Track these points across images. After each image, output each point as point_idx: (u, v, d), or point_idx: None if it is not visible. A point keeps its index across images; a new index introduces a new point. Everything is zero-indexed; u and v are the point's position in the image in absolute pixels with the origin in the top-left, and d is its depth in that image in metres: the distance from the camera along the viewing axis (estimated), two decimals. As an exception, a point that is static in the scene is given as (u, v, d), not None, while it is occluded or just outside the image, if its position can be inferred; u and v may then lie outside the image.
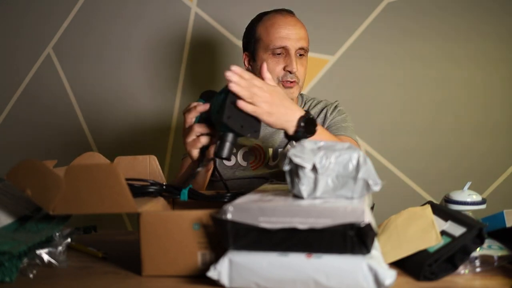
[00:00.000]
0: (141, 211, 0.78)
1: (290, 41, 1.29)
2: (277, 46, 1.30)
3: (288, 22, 1.32)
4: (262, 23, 1.35)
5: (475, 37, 1.82)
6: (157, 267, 0.77)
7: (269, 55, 1.31)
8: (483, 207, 0.90)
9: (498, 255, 0.78)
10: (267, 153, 1.34)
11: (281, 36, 1.30)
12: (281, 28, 1.31)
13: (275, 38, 1.30)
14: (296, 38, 1.30)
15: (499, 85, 1.83)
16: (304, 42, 1.32)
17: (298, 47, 1.31)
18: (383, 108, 1.86)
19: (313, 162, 0.74)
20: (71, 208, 0.79)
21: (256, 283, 0.69)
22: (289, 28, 1.30)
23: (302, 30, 1.33)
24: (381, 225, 0.86)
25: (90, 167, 0.79)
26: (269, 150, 1.34)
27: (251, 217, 0.70)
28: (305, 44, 1.32)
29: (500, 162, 1.84)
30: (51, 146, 2.00)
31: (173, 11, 1.91)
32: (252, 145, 1.35)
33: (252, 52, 1.37)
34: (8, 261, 0.77)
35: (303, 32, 1.33)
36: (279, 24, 1.31)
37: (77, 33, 1.97)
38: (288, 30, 1.30)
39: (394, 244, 0.79)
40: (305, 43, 1.32)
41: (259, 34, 1.34)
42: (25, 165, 0.82)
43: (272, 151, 1.34)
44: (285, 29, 1.30)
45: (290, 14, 1.35)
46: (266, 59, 1.31)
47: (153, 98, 1.95)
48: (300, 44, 1.31)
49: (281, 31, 1.30)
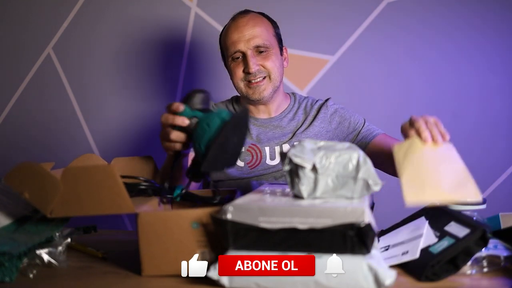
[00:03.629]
0: (139, 212, 0.77)
1: (241, 43, 1.30)
2: (232, 52, 1.32)
3: (237, 24, 1.33)
4: (223, 33, 1.39)
5: (475, 37, 1.82)
6: (156, 267, 0.77)
7: (231, 62, 1.34)
8: (483, 207, 0.90)
9: (505, 255, 0.77)
10: (264, 151, 1.34)
11: (233, 41, 1.31)
12: (232, 33, 1.32)
13: (229, 44, 1.33)
14: (247, 38, 1.30)
15: (499, 85, 1.83)
16: (258, 40, 1.30)
17: (252, 47, 1.30)
18: (383, 108, 1.86)
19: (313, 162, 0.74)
20: (69, 211, 0.79)
21: (256, 283, 0.69)
22: (239, 31, 1.31)
23: (255, 29, 1.31)
24: (402, 146, 0.82)
25: (88, 169, 0.79)
26: (266, 148, 1.34)
27: (251, 217, 0.70)
28: (260, 41, 1.30)
29: (500, 162, 1.84)
30: (51, 146, 1.99)
31: (173, 11, 1.91)
32: (248, 146, 1.35)
33: (225, 64, 1.41)
34: (8, 261, 0.77)
35: (256, 30, 1.31)
36: (230, 30, 1.34)
37: (77, 33, 1.96)
38: (238, 33, 1.31)
39: (428, 183, 0.74)
40: (260, 40, 1.30)
41: (222, 45, 1.39)
42: (23, 168, 0.81)
43: (269, 149, 1.34)
44: (235, 33, 1.31)
45: (242, 15, 1.35)
46: (230, 65, 1.35)
47: (153, 98, 1.94)
48: (253, 43, 1.30)
49: (232, 36, 1.32)
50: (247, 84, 1.33)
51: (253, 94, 1.33)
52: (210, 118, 0.87)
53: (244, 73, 1.32)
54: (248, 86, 1.33)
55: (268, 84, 1.33)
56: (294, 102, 1.45)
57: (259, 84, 1.32)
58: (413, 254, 0.75)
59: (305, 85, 1.87)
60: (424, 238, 0.79)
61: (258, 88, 1.32)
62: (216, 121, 0.85)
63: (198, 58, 1.92)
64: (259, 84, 1.32)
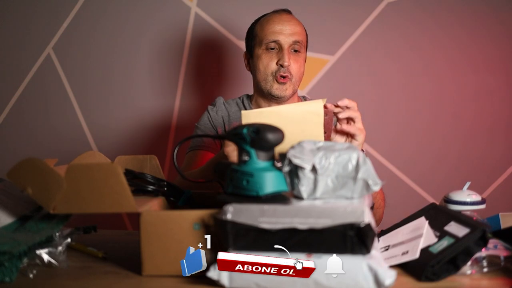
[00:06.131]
0: (141, 211, 0.77)
1: (282, 35, 1.30)
2: (269, 40, 1.31)
3: (282, 18, 1.33)
4: (259, 22, 1.38)
5: (475, 38, 1.82)
6: (157, 267, 0.77)
7: (263, 50, 1.33)
8: (483, 207, 0.90)
9: (505, 255, 0.78)
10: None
11: (274, 31, 1.31)
12: (275, 23, 1.32)
13: (268, 33, 1.32)
14: (289, 33, 1.31)
15: (499, 86, 1.83)
16: (298, 36, 1.32)
17: (292, 41, 1.31)
18: (383, 108, 1.86)
19: (313, 163, 0.74)
20: (71, 207, 0.79)
21: (256, 283, 0.69)
22: (282, 24, 1.32)
23: (297, 26, 1.33)
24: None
25: (91, 166, 0.79)
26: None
27: (251, 218, 0.70)
28: (299, 37, 1.32)
29: (500, 162, 1.84)
30: (51, 146, 1.99)
31: (173, 11, 1.91)
32: None
33: (250, 50, 1.39)
34: (8, 261, 0.77)
35: (298, 28, 1.33)
36: (273, 20, 1.34)
37: (77, 33, 1.96)
38: (281, 25, 1.32)
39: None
40: (300, 36, 1.32)
41: (255, 32, 1.37)
42: (26, 164, 0.81)
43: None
44: (278, 24, 1.32)
45: (286, 12, 1.37)
46: (261, 54, 1.33)
47: (153, 98, 1.94)
48: (294, 38, 1.31)
49: (274, 26, 1.32)
50: (276, 78, 1.31)
51: (277, 90, 1.32)
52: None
53: (277, 65, 1.31)
54: (275, 80, 1.31)
55: (290, 86, 1.32)
56: None
57: (286, 82, 1.31)
58: (413, 254, 0.76)
59: (305, 85, 1.87)
60: (424, 238, 0.79)
61: (283, 86, 1.31)
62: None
63: (198, 58, 1.92)
64: (285, 81, 1.31)
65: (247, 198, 0.74)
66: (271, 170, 0.75)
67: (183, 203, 0.93)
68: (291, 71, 1.31)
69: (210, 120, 1.42)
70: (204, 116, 1.44)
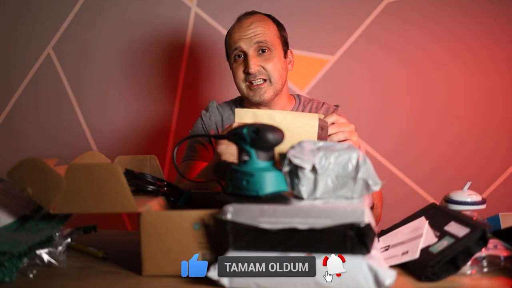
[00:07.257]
0: (141, 211, 0.77)
1: (242, 41, 1.29)
2: (233, 50, 1.31)
3: (241, 24, 1.32)
4: (227, 34, 1.38)
5: (475, 39, 1.82)
6: (157, 267, 0.77)
7: (233, 61, 1.33)
8: (483, 207, 0.90)
9: (505, 255, 0.78)
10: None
11: (234, 40, 1.31)
12: (235, 32, 1.32)
13: (231, 43, 1.32)
14: (249, 36, 1.29)
15: (499, 86, 1.83)
16: (260, 36, 1.29)
17: (254, 44, 1.28)
18: (383, 108, 1.86)
19: (313, 163, 0.74)
20: (71, 207, 0.79)
21: (256, 283, 0.69)
22: (241, 30, 1.31)
23: (258, 27, 1.30)
24: None
25: (91, 166, 0.79)
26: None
27: (251, 218, 0.70)
28: (262, 37, 1.29)
29: (500, 162, 1.84)
30: (51, 146, 1.99)
31: (173, 11, 1.91)
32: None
33: (230, 66, 1.39)
34: (8, 261, 0.77)
35: (260, 28, 1.30)
36: (233, 29, 1.34)
37: (77, 33, 1.96)
38: (240, 32, 1.30)
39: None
40: (263, 36, 1.29)
41: (226, 45, 1.38)
42: (26, 164, 0.82)
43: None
44: (237, 32, 1.31)
45: (247, 16, 1.35)
46: (232, 65, 1.34)
47: (153, 98, 1.94)
48: (256, 39, 1.28)
49: (234, 35, 1.31)
50: (248, 86, 1.31)
51: (253, 96, 1.31)
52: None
53: (245, 73, 1.30)
54: (249, 88, 1.31)
55: (269, 88, 1.31)
56: (299, 104, 1.43)
57: (260, 87, 1.30)
58: (413, 254, 0.76)
59: (305, 85, 1.87)
60: (424, 238, 0.79)
61: (259, 91, 1.30)
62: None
63: (198, 58, 1.92)
64: (259, 86, 1.30)
65: (247, 198, 0.75)
66: (271, 170, 0.75)
67: (183, 203, 0.93)
68: (267, 72, 1.30)
69: (204, 126, 1.42)
70: (198, 123, 1.44)
